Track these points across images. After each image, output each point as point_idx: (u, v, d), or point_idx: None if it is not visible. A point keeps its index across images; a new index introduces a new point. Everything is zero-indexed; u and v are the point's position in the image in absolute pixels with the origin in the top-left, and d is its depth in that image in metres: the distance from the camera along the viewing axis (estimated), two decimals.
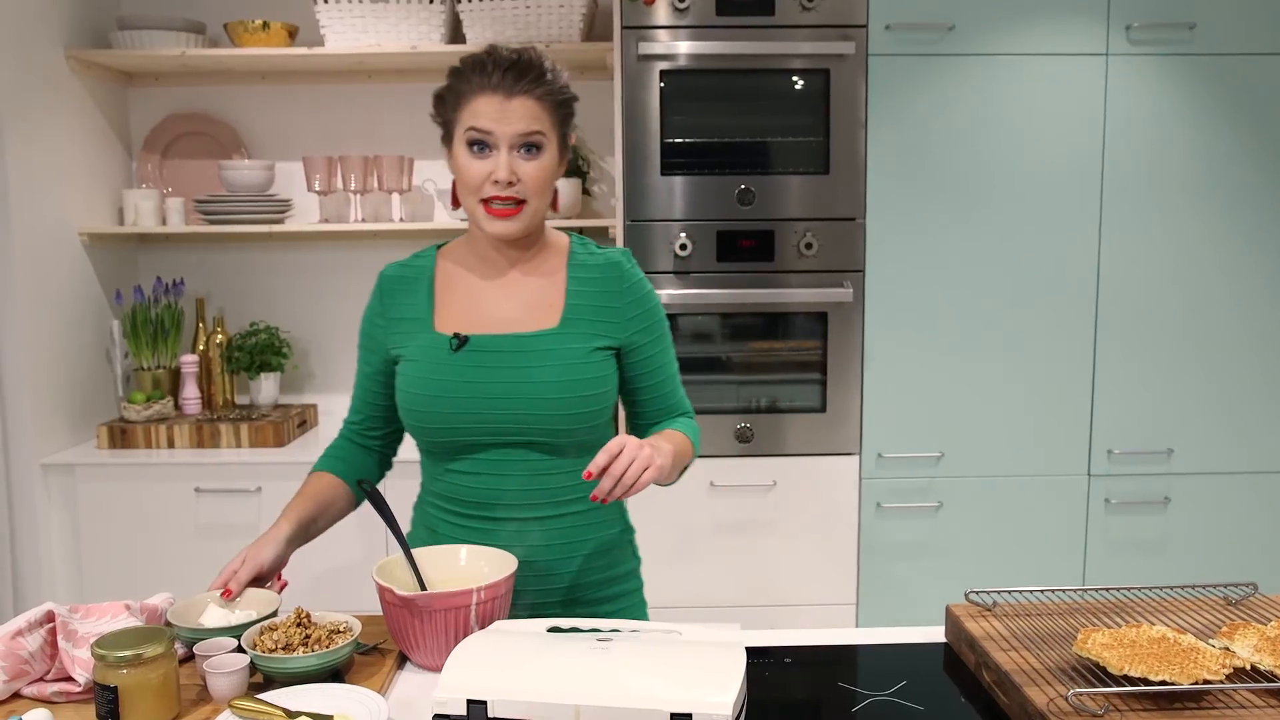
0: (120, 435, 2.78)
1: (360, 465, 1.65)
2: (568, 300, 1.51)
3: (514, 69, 1.42)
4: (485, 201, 1.45)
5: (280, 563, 1.50)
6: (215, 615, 1.38)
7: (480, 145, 1.44)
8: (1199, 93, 2.68)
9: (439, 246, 1.60)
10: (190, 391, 2.95)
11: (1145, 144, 2.69)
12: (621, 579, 1.61)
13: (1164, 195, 2.71)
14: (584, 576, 1.55)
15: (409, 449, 1.66)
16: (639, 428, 1.62)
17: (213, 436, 2.79)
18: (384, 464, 1.70)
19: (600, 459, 1.32)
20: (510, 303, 1.52)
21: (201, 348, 3.04)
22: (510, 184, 1.43)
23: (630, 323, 1.53)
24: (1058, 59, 2.65)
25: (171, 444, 2.79)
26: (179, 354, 2.99)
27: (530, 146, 1.44)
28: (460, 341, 1.48)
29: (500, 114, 1.42)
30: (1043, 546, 2.80)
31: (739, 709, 1.13)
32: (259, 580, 1.46)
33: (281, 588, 1.50)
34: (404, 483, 1.76)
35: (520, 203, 1.45)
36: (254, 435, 2.79)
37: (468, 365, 1.47)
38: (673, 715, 1.09)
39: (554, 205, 1.56)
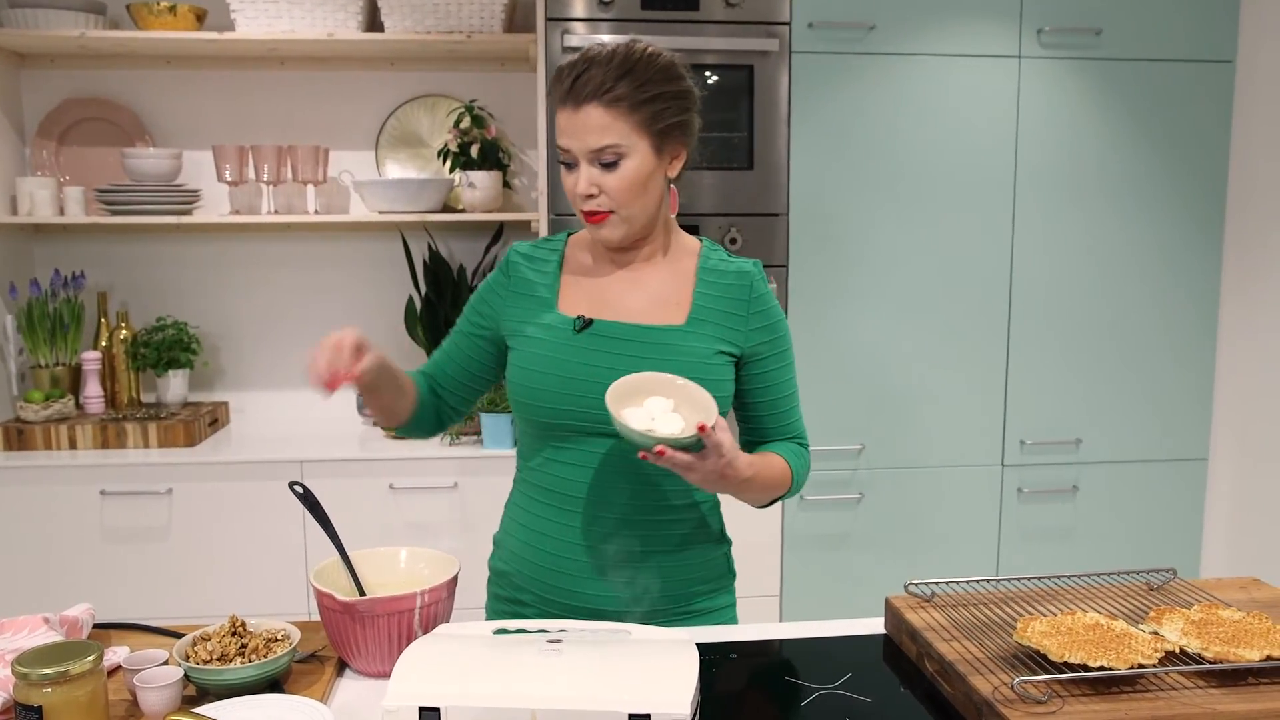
0: (17, 436, 2.64)
1: (421, 386, 1.55)
2: (695, 301, 1.48)
3: (583, 76, 1.36)
4: (583, 211, 1.43)
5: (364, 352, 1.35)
6: (638, 417, 1.29)
7: (566, 162, 1.41)
8: (1106, 95, 2.78)
9: (570, 233, 1.56)
10: (93, 390, 2.82)
11: (1055, 143, 2.78)
12: (717, 592, 1.56)
13: (1073, 192, 2.81)
14: (681, 587, 1.50)
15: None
16: (748, 444, 1.57)
17: (119, 436, 2.67)
18: (441, 416, 1.59)
19: (717, 440, 1.27)
20: (636, 295, 1.48)
21: (104, 344, 2.91)
22: (591, 196, 1.40)
23: (754, 334, 1.49)
24: (973, 60, 2.72)
25: (74, 445, 2.66)
26: (80, 350, 2.85)
27: (607, 161, 1.38)
28: (584, 324, 1.44)
29: (571, 129, 1.38)
30: (958, 535, 2.88)
31: (694, 707, 1.13)
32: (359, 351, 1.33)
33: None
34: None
35: (609, 211, 1.41)
36: (163, 435, 2.68)
37: (589, 349, 1.43)
38: (631, 716, 1.08)
39: (672, 205, 1.51)
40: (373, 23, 2.87)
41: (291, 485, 1.44)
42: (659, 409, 1.33)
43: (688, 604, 1.52)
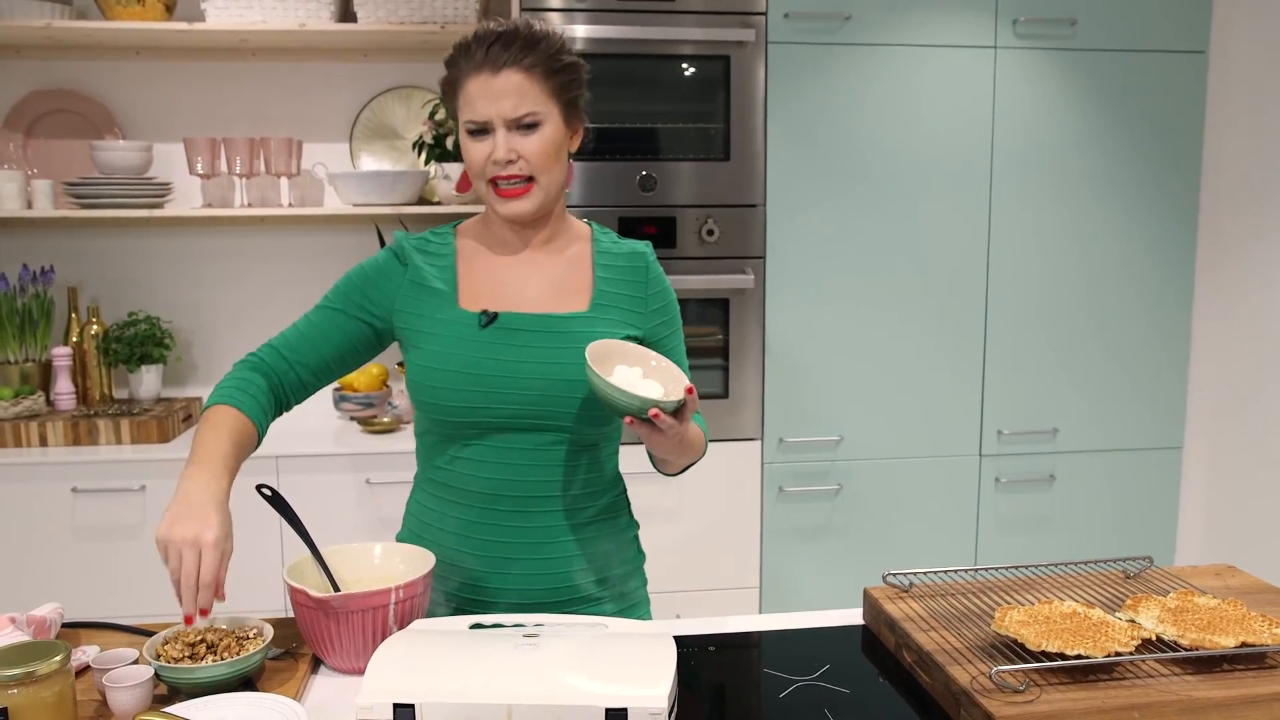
0: None
1: (263, 404, 1.42)
2: (596, 286, 1.47)
3: (498, 42, 1.37)
4: (492, 183, 1.41)
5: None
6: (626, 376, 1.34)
7: (479, 130, 1.39)
8: (1081, 85, 2.79)
9: (455, 225, 1.53)
10: (64, 386, 2.78)
11: (1031, 133, 2.79)
12: (631, 575, 1.56)
13: (1049, 183, 2.82)
14: (599, 573, 1.50)
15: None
16: None
17: (90, 433, 2.63)
18: (280, 409, 1.48)
19: (691, 402, 1.30)
20: (536, 282, 1.47)
21: (75, 339, 2.87)
22: (510, 162, 1.39)
23: (653, 314, 1.51)
24: (949, 50, 2.72)
25: (44, 442, 2.62)
26: (50, 346, 2.81)
27: (526, 125, 1.38)
28: (489, 318, 1.42)
29: (488, 93, 1.37)
30: (937, 525, 2.89)
31: (672, 701, 1.12)
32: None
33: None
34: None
35: (528, 180, 1.40)
36: (136, 431, 2.65)
37: (496, 343, 1.41)
38: (608, 711, 1.07)
39: (568, 182, 1.49)
40: (345, 13, 2.84)
41: (259, 488, 1.41)
42: (632, 376, 1.34)
43: (605, 588, 1.51)
